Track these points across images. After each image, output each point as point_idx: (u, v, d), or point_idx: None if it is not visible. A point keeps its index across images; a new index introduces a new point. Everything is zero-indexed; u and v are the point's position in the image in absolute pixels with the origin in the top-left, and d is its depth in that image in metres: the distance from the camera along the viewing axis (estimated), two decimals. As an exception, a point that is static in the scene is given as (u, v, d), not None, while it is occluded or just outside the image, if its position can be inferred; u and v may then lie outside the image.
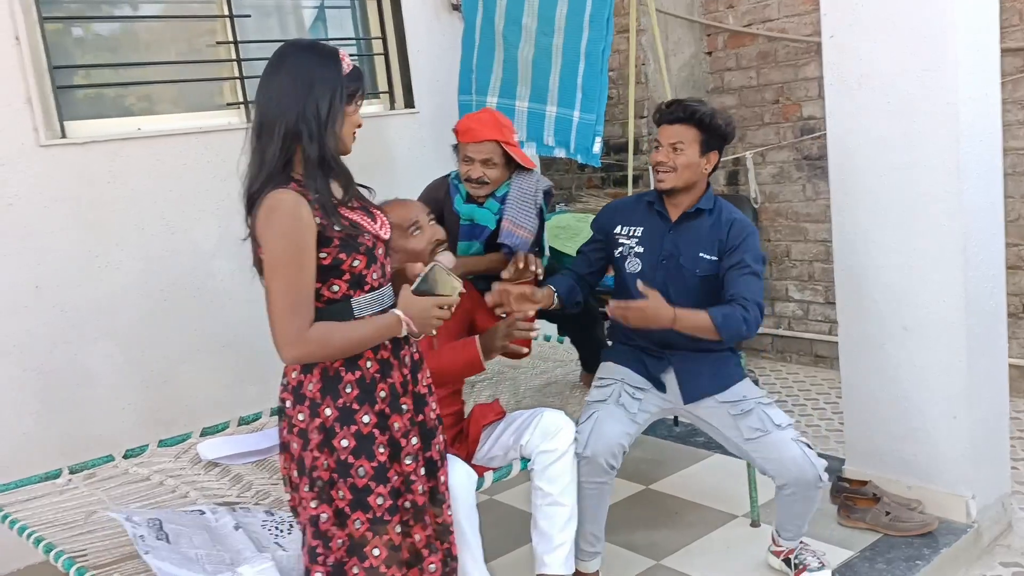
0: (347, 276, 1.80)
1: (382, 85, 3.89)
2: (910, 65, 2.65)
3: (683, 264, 2.49)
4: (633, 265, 2.53)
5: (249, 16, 3.47)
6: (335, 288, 1.80)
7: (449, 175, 2.81)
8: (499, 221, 2.65)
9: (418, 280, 1.86)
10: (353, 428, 1.81)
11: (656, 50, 4.12)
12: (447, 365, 2.26)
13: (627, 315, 2.30)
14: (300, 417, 1.83)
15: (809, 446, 2.42)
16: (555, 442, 2.33)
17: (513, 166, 2.68)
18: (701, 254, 2.47)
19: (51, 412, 3.05)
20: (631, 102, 3.92)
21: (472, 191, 2.67)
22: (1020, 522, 2.95)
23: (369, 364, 1.84)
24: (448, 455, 2.11)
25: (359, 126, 1.88)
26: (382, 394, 1.85)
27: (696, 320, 2.32)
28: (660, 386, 2.56)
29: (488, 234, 2.69)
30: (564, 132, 3.34)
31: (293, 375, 1.85)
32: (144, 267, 3.19)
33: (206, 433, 2.73)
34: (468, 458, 2.38)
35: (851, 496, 2.92)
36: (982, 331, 2.75)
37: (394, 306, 1.86)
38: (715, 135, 2.46)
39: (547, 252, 3.14)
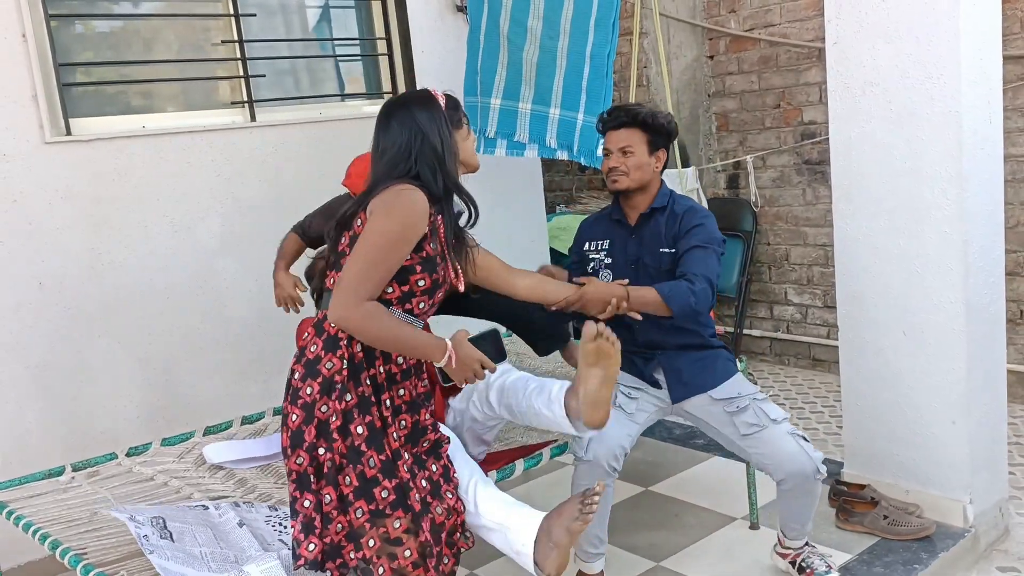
0: (406, 287, 1.91)
1: (386, 86, 3.90)
2: (913, 72, 2.67)
3: (648, 263, 2.53)
4: (605, 276, 2.57)
5: (255, 15, 3.48)
6: (390, 289, 1.91)
7: None
8: None
9: (481, 333, 2.05)
10: (368, 419, 1.89)
11: (659, 53, 4.14)
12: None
13: (575, 305, 2.30)
14: (308, 391, 1.89)
15: (805, 439, 2.43)
16: (506, 374, 2.25)
17: None
18: (661, 249, 2.52)
19: (54, 409, 3.06)
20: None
21: None
22: (1017, 527, 2.97)
23: (382, 368, 1.93)
24: None
25: (477, 137, 2.11)
26: (387, 401, 1.94)
27: (645, 296, 2.34)
28: (654, 382, 2.57)
29: None
30: (567, 134, 3.35)
31: (312, 348, 1.91)
32: (148, 265, 3.20)
33: (209, 432, 2.74)
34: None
35: (849, 500, 2.94)
36: (981, 337, 2.77)
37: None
38: (659, 134, 2.52)
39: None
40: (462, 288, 2.06)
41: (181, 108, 3.42)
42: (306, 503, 1.90)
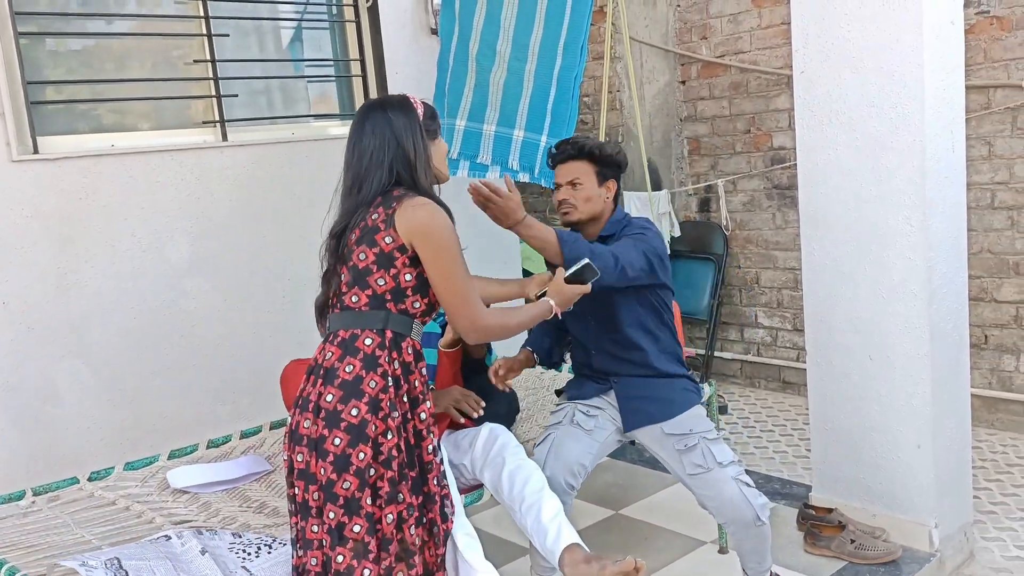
0: (426, 299, 1.94)
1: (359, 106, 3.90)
2: (878, 102, 2.71)
3: (601, 288, 2.49)
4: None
5: (228, 36, 3.47)
6: (416, 304, 1.92)
7: None
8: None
9: (572, 270, 2.19)
10: (405, 436, 1.91)
11: (631, 77, 4.18)
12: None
13: (485, 200, 2.33)
14: (354, 412, 1.84)
15: (749, 484, 2.40)
16: (494, 463, 2.33)
17: None
18: None
19: (17, 430, 3.01)
20: (602, 128, 3.97)
21: None
22: (982, 551, 3.00)
23: (416, 382, 1.95)
24: None
25: (448, 152, 2.10)
26: (423, 415, 1.96)
27: (543, 233, 2.33)
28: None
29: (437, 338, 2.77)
30: (530, 157, 3.37)
31: (348, 369, 1.87)
32: (115, 285, 3.16)
33: (174, 456, 2.70)
34: None
35: (817, 523, 2.95)
36: (946, 362, 2.81)
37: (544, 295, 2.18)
38: (608, 165, 2.54)
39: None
40: None
41: (152, 127, 3.40)
42: (355, 528, 1.83)
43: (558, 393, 2.74)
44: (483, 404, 2.48)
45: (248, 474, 2.60)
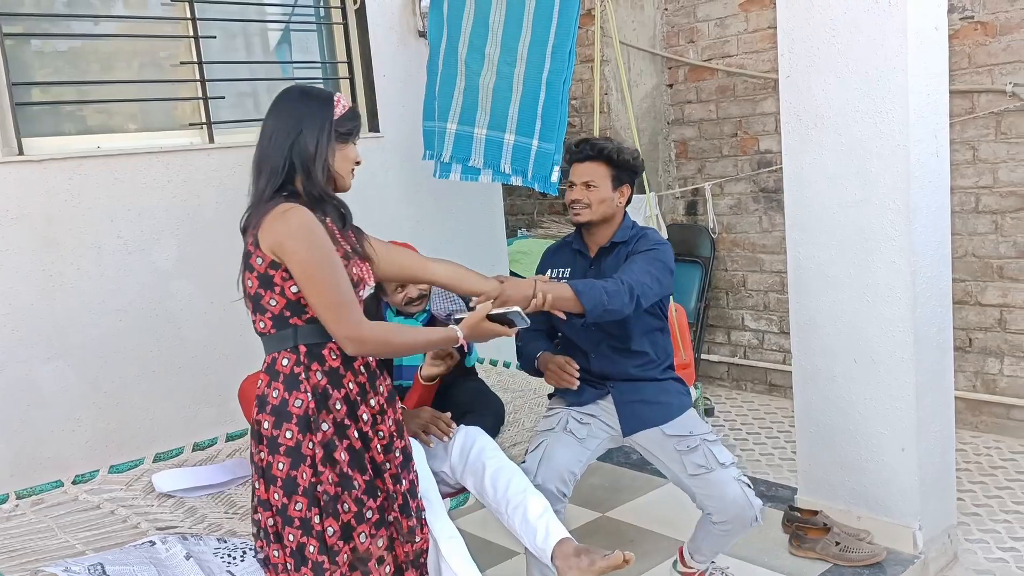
0: None
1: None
2: (863, 107, 2.73)
3: None
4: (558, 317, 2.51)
5: (215, 37, 3.46)
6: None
7: None
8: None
9: (498, 311, 2.04)
10: (346, 443, 1.88)
11: (620, 81, 4.19)
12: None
13: (497, 301, 2.21)
14: (288, 435, 1.84)
15: (749, 485, 2.44)
16: (475, 467, 2.34)
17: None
18: None
19: (1, 433, 2.98)
20: (596, 130, 3.97)
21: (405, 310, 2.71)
22: (966, 553, 3.02)
23: (351, 385, 1.91)
24: None
25: (358, 163, 1.99)
26: (364, 416, 1.92)
27: (562, 292, 2.28)
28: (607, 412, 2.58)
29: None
30: (522, 160, 3.37)
31: (274, 394, 1.86)
32: (100, 287, 3.15)
33: (159, 459, 2.69)
34: None
35: (802, 526, 2.97)
36: (930, 365, 2.83)
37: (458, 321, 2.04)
38: (624, 169, 2.55)
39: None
40: (372, 283, 2.00)
41: (138, 129, 3.38)
42: (311, 548, 1.85)
43: (550, 396, 2.73)
44: (453, 427, 2.48)
45: (234, 478, 2.59)
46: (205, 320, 3.36)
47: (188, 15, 3.37)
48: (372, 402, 1.95)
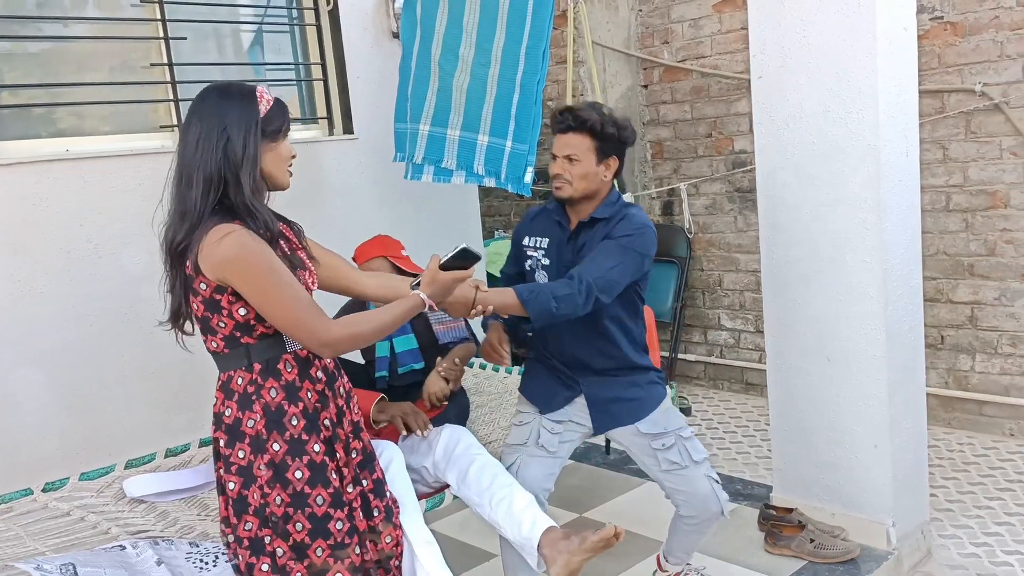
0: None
1: (321, 111, 3.88)
2: (834, 107, 2.75)
3: None
4: (541, 278, 2.46)
5: (185, 39, 3.43)
6: (268, 323, 1.83)
7: None
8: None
9: (445, 258, 1.93)
10: (306, 459, 1.84)
11: (594, 81, 4.20)
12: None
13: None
14: (240, 455, 1.83)
15: (718, 481, 2.46)
16: (460, 451, 2.35)
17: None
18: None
19: (-33, 441, 2.94)
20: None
21: None
22: (939, 549, 3.05)
23: (310, 395, 1.87)
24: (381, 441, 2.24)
25: (293, 157, 1.90)
26: (326, 422, 1.89)
27: (504, 299, 2.17)
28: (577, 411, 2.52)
29: (415, 352, 2.78)
30: (495, 161, 3.36)
31: (228, 412, 1.84)
32: (70, 292, 3.11)
33: (131, 466, 2.66)
34: None
35: (777, 523, 2.98)
36: (902, 363, 2.85)
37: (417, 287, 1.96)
38: (610, 141, 2.36)
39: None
40: (316, 286, 1.96)
41: (109, 132, 3.34)
42: (264, 567, 1.85)
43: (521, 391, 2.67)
44: (431, 427, 2.49)
45: (207, 482, 2.56)
46: (178, 324, 3.32)
47: (158, 16, 3.34)
48: (331, 406, 1.93)
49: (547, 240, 2.47)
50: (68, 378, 3.12)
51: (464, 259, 1.95)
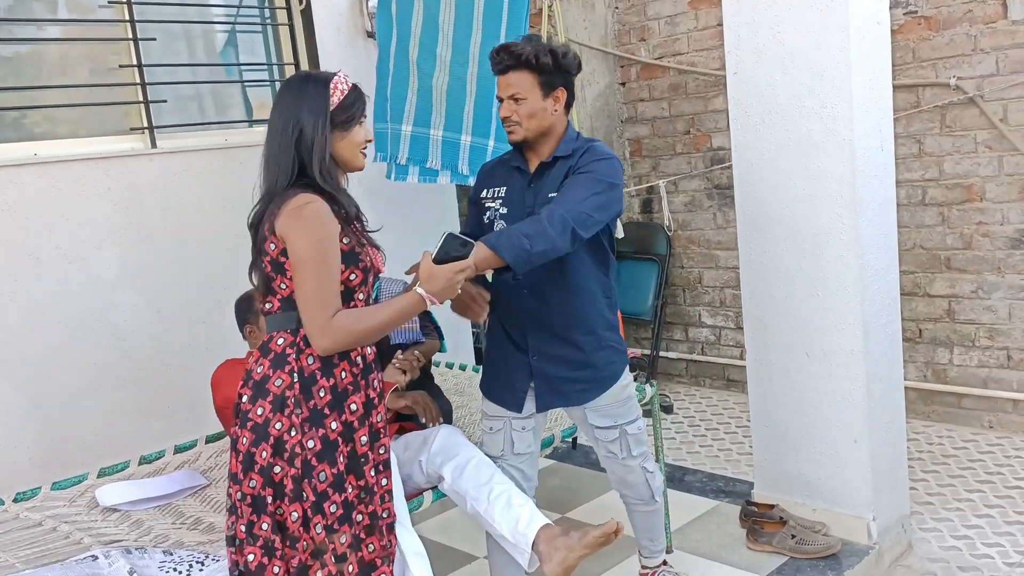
0: (342, 288, 1.87)
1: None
2: (809, 102, 2.75)
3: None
4: (500, 228, 2.28)
5: (155, 39, 3.38)
6: None
7: None
8: None
9: (435, 251, 1.90)
10: (321, 432, 1.85)
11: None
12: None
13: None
14: (259, 411, 1.85)
15: (651, 472, 2.54)
16: (456, 451, 2.34)
17: None
18: (550, 195, 2.23)
19: (-63, 453, 2.89)
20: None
21: None
22: (920, 542, 3.05)
23: (344, 375, 1.90)
24: None
25: (369, 141, 1.99)
26: (352, 407, 1.90)
27: (484, 256, 2.02)
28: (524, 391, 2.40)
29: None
30: (479, 161, 3.34)
31: (259, 369, 1.88)
32: (39, 299, 3.06)
33: (104, 474, 2.62)
34: None
35: (759, 520, 2.98)
36: (879, 357, 2.85)
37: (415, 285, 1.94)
38: (551, 73, 2.22)
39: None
40: (384, 269, 2.00)
41: (79, 135, 3.29)
42: (264, 526, 1.83)
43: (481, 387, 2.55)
44: (442, 421, 2.51)
45: (182, 489, 2.53)
46: (151, 332, 3.28)
47: (126, 17, 3.29)
48: (362, 393, 1.93)
49: (505, 188, 2.34)
50: (39, 386, 3.07)
51: (456, 248, 1.91)
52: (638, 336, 5.01)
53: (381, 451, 1.97)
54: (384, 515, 1.96)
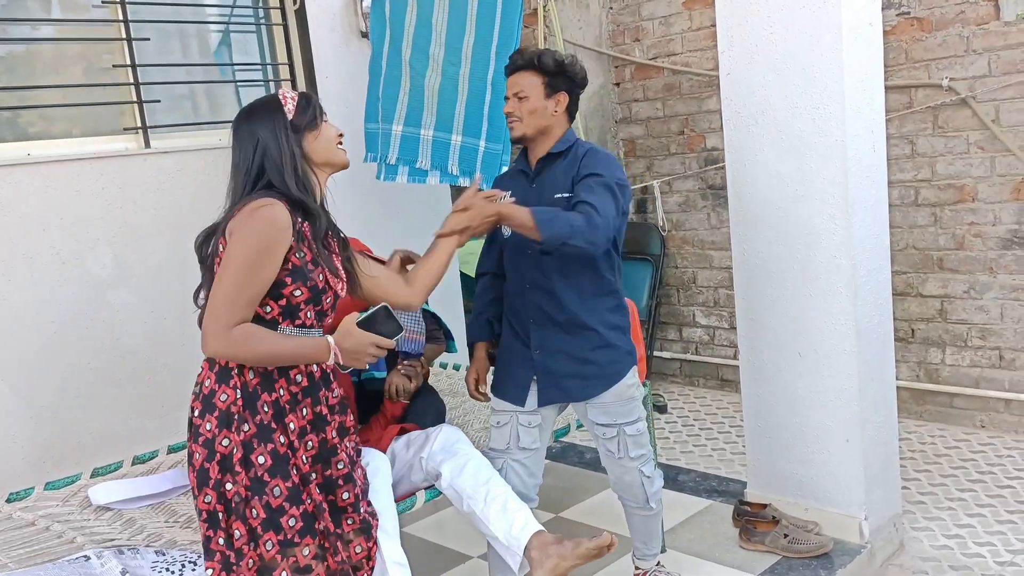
0: (283, 301, 1.85)
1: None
2: (801, 103, 2.76)
3: None
4: (506, 230, 2.45)
5: (148, 39, 3.38)
6: (268, 308, 1.86)
7: None
8: None
9: (365, 314, 1.90)
10: (270, 446, 1.85)
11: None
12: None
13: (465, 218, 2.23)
14: (208, 427, 1.85)
15: (649, 476, 2.53)
16: (456, 451, 2.34)
17: None
18: (556, 195, 2.38)
19: (-71, 452, 2.88)
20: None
21: None
22: (912, 541, 3.07)
23: (282, 391, 1.88)
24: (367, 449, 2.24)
25: (341, 135, 1.99)
26: (291, 425, 1.89)
27: (520, 215, 2.20)
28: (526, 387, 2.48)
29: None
30: (470, 161, 3.35)
31: (207, 383, 1.87)
32: (33, 298, 3.05)
33: (97, 474, 2.62)
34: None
35: (752, 519, 2.99)
36: (871, 357, 2.86)
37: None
38: (555, 76, 2.39)
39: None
40: (343, 292, 1.98)
41: (73, 135, 3.29)
42: (220, 540, 1.85)
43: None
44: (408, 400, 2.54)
45: (175, 487, 2.53)
46: (145, 330, 3.28)
47: (120, 17, 3.29)
48: (304, 412, 1.91)
49: (509, 192, 2.44)
50: (33, 386, 3.07)
51: (383, 322, 1.91)
52: (632, 336, 5.01)
53: (340, 466, 1.95)
54: (340, 529, 1.94)
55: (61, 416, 3.13)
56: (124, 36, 3.30)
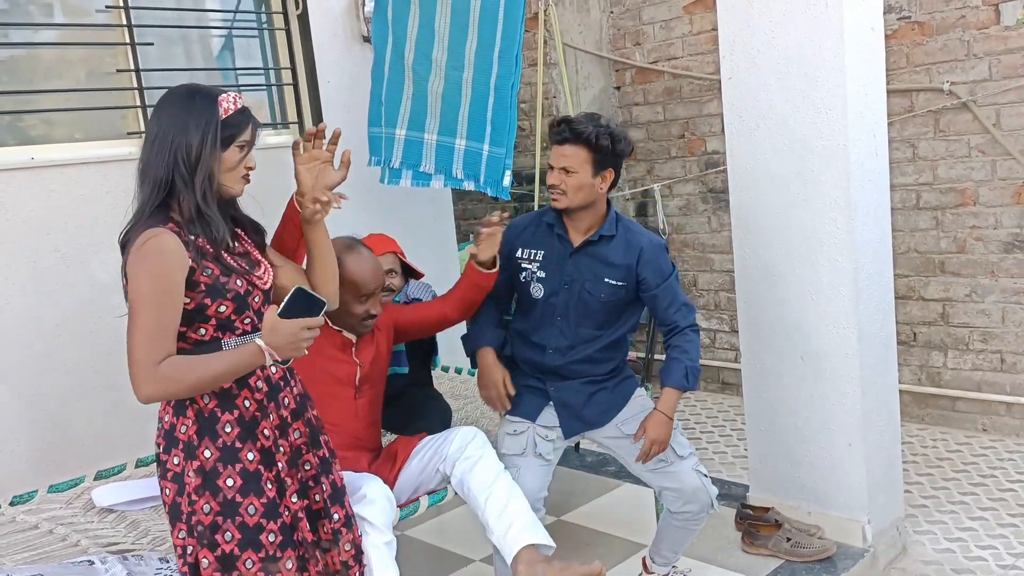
0: (213, 321, 1.79)
1: (291, 115, 3.84)
2: (803, 107, 2.77)
3: (587, 290, 2.47)
4: (536, 291, 2.49)
5: (152, 44, 3.39)
6: (202, 331, 1.80)
7: None
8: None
9: (282, 305, 1.76)
10: (239, 467, 1.81)
11: (564, 84, 4.19)
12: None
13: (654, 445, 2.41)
14: (175, 461, 1.82)
15: (705, 475, 2.50)
16: (471, 450, 2.33)
17: (406, 276, 2.95)
18: (607, 280, 2.45)
19: (-68, 456, 2.88)
20: (539, 135, 3.98)
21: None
22: (914, 545, 3.07)
23: (247, 403, 1.84)
24: (367, 475, 2.19)
25: (250, 168, 1.86)
26: (265, 432, 1.86)
27: (671, 401, 2.45)
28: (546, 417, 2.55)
29: (399, 355, 2.86)
30: (474, 166, 3.35)
31: (166, 418, 1.83)
32: (36, 302, 3.05)
33: (100, 477, 2.62)
34: (392, 479, 2.37)
35: (754, 523, 2.99)
36: (874, 360, 2.87)
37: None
38: (605, 154, 2.39)
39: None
40: (270, 277, 1.90)
41: (76, 139, 3.29)
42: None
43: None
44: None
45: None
46: (148, 333, 3.28)
47: (124, 22, 3.29)
48: (273, 416, 1.88)
49: (542, 253, 2.51)
50: (36, 390, 3.07)
51: (302, 303, 1.78)
52: (633, 339, 5.01)
53: (307, 468, 1.93)
54: (316, 536, 1.92)
55: (64, 420, 3.13)
56: (127, 41, 3.31)
